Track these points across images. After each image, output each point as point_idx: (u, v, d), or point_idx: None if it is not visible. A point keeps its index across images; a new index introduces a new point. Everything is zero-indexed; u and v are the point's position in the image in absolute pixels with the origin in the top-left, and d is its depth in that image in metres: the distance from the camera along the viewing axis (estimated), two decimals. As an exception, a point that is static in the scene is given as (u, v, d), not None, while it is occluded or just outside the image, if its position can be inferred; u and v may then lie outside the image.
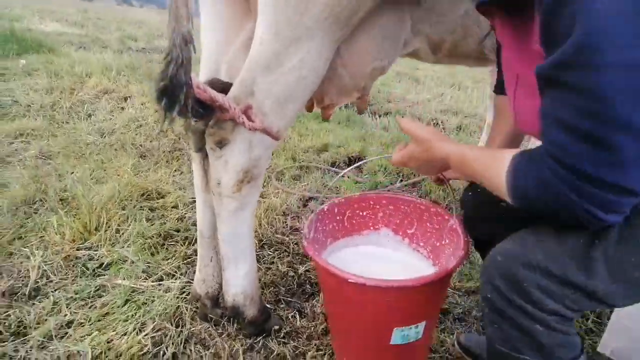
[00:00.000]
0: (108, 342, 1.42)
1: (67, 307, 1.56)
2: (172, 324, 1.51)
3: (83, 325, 1.50)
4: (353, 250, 1.48)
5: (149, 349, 1.42)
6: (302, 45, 1.18)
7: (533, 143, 2.24)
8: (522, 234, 0.95)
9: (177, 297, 1.62)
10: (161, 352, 1.42)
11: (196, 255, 1.83)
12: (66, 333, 1.47)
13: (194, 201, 2.24)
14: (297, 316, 1.57)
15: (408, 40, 1.40)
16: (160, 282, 1.69)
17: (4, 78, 3.87)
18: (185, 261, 1.82)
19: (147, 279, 1.70)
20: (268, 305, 1.58)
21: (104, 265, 1.78)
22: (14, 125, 2.95)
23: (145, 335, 1.46)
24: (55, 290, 1.65)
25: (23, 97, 3.51)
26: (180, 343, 1.45)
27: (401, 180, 2.56)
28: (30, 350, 1.40)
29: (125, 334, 1.46)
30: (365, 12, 1.23)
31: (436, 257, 1.45)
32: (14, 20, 7.16)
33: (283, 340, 1.47)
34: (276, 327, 1.48)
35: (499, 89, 1.28)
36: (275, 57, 1.19)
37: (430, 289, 1.17)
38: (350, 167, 1.37)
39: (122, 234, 1.96)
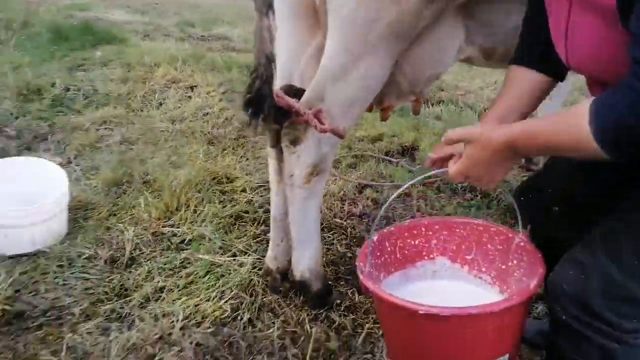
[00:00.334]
0: (195, 306, 1.69)
1: (159, 275, 1.85)
2: (246, 294, 1.76)
3: (173, 291, 1.78)
4: (409, 285, 1.39)
5: (228, 314, 1.68)
6: (367, 59, 1.36)
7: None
8: (577, 255, 0.99)
9: (250, 271, 1.86)
10: (239, 317, 1.67)
11: (264, 234, 2.07)
12: (160, 296, 1.75)
13: (260, 186, 2.48)
14: (355, 293, 1.78)
15: (462, 49, 1.54)
16: (235, 258, 1.95)
17: (84, 68, 4.25)
18: (255, 240, 2.07)
19: (223, 254, 1.96)
20: (329, 282, 1.80)
21: (185, 241, 2.05)
22: (98, 113, 3.29)
23: (225, 302, 1.72)
24: (147, 260, 1.94)
25: (102, 87, 3.86)
26: (255, 310, 1.70)
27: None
28: (133, 309, 1.69)
29: (208, 300, 1.73)
30: (422, 28, 1.39)
31: (503, 281, 1.34)
32: (85, 10, 7.64)
33: (343, 313, 1.69)
34: (337, 301, 1.70)
35: (519, 59, 1.19)
36: (343, 69, 1.38)
37: (512, 314, 1.08)
38: (422, 177, 1.18)
39: (199, 214, 2.23)
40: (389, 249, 1.39)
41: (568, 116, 0.85)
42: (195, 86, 3.95)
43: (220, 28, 7.50)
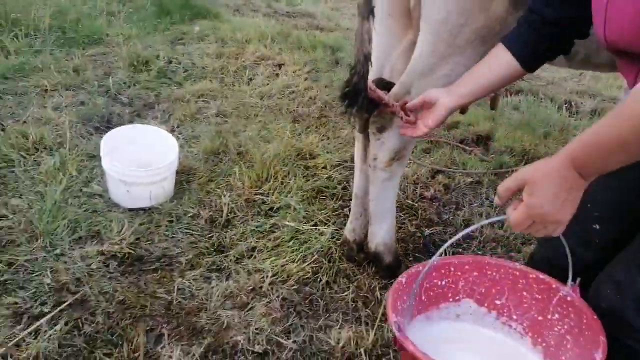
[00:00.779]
0: (282, 266, 1.96)
1: (251, 236, 2.13)
2: (325, 260, 2.00)
3: (263, 252, 2.05)
4: (431, 329, 1.29)
5: (309, 275, 1.93)
6: (453, 59, 1.51)
7: None
8: (614, 274, 1.07)
9: (330, 240, 2.10)
10: (318, 279, 1.92)
11: (342, 209, 2.30)
12: (252, 255, 2.04)
13: (339, 164, 2.70)
14: (423, 267, 1.97)
15: (544, 51, 1.64)
16: (316, 227, 2.19)
17: (183, 42, 4.62)
18: (334, 213, 2.30)
19: (306, 224, 2.21)
20: (399, 257, 2.00)
21: (274, 209, 2.32)
22: (197, 86, 3.63)
23: (307, 265, 1.97)
24: (241, 223, 2.23)
25: (198, 61, 4.21)
26: (332, 274, 1.94)
27: (525, 164, 2.77)
28: (230, 263, 1.99)
29: (293, 261, 1.99)
30: (505, 31, 1.51)
31: (537, 333, 1.23)
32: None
33: (410, 283, 1.89)
34: (406, 273, 1.90)
35: (512, 44, 1.25)
36: (430, 67, 1.54)
37: None
38: (479, 224, 1.15)
39: (285, 185, 2.48)
40: (415, 291, 1.30)
41: (624, 108, 0.80)
42: (283, 64, 4.21)
43: (305, 6, 7.71)
